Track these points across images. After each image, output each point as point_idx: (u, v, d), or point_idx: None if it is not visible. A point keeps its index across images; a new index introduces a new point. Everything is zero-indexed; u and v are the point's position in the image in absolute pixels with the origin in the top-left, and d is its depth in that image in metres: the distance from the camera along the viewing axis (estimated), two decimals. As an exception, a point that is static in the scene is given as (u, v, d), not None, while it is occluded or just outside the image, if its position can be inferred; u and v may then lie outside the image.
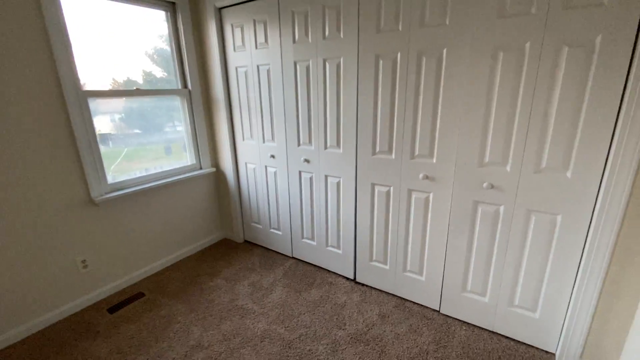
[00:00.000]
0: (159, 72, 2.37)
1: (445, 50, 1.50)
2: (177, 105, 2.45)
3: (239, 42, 2.26)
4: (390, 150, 1.80)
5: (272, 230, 2.59)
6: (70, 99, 1.79)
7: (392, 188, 1.86)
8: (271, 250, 2.66)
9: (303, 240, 2.41)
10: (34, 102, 1.67)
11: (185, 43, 2.34)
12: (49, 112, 1.73)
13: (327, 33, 1.84)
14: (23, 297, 1.75)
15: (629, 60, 1.16)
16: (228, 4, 2.19)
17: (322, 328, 1.79)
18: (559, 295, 1.50)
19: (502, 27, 1.35)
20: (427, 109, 1.63)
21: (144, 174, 2.27)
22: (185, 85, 2.45)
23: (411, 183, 1.78)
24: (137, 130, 2.28)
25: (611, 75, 1.19)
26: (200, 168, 2.63)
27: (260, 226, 2.66)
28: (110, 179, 2.08)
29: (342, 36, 1.79)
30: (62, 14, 1.72)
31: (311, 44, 1.92)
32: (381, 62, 1.70)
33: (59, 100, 1.76)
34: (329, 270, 2.33)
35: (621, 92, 1.19)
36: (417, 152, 1.72)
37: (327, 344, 1.68)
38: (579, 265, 1.42)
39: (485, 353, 1.60)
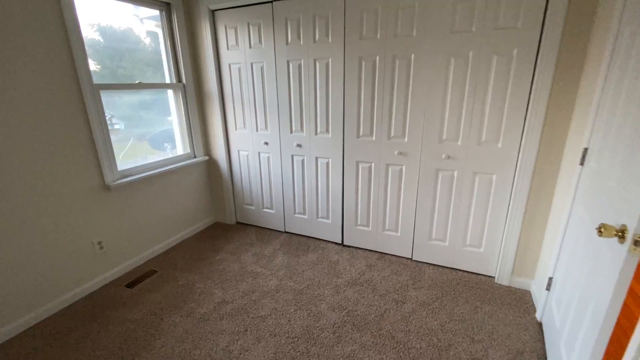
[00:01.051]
0: (154, 68, 2.55)
1: (413, 56, 1.99)
2: (168, 99, 2.64)
3: (232, 42, 2.53)
4: (371, 134, 2.26)
5: (265, 209, 2.91)
6: (86, 92, 1.94)
7: (373, 164, 2.32)
8: (264, 228, 2.98)
9: (295, 215, 2.78)
10: (58, 95, 1.81)
11: (180, 40, 2.55)
12: (70, 104, 1.87)
13: (317, 37, 2.22)
14: (47, 277, 1.88)
15: (533, 65, 1.74)
16: (222, 7, 2.45)
17: (324, 279, 2.20)
18: (496, 233, 2.09)
19: (452, 40, 1.87)
20: (400, 100, 2.11)
21: (143, 162, 2.44)
22: (179, 80, 2.65)
23: (388, 159, 2.26)
24: (137, 121, 2.44)
25: (523, 75, 1.77)
26: (194, 157, 2.85)
27: (253, 207, 2.97)
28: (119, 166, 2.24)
29: (330, 41, 2.19)
30: (76, 15, 1.86)
31: (303, 46, 2.29)
32: (363, 63, 2.14)
33: (78, 93, 1.91)
34: (320, 239, 2.75)
35: (530, 86, 1.78)
36: (392, 134, 2.20)
37: (330, 288, 2.10)
38: (508, 209, 2.02)
39: (447, 282, 2.15)
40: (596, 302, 1.08)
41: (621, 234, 0.93)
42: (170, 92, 2.63)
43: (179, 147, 2.79)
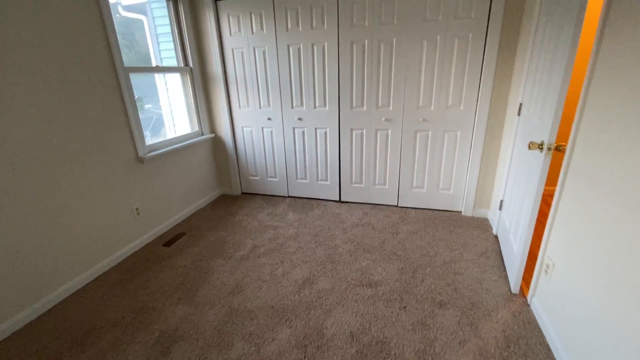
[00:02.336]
0: (165, 53, 2.80)
1: (394, 39, 2.51)
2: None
3: (235, 29, 2.86)
4: (362, 105, 2.77)
5: (269, 178, 3.33)
6: (120, 74, 2.20)
7: (364, 130, 2.84)
8: (269, 195, 3.40)
9: (297, 180, 3.23)
10: (99, 77, 2.06)
11: (186, 28, 2.82)
12: (109, 85, 2.13)
13: (314, 24, 2.65)
14: (97, 240, 2.17)
15: (483, 45, 2.34)
16: (224, -3, 2.77)
17: (331, 225, 2.70)
18: (461, 177, 2.73)
19: (425, 27, 2.41)
20: (385, 76, 2.63)
21: (161, 139, 2.72)
22: (186, 64, 2.93)
23: (377, 125, 2.79)
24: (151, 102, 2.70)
25: (477, 53, 2.37)
26: (202, 134, 3.16)
27: (258, 177, 3.36)
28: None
29: (325, 27, 2.63)
30: (109, 1, 2.11)
31: (301, 31, 2.70)
32: (355, 46, 2.61)
33: (114, 75, 2.16)
34: (320, 199, 3.23)
35: (481, 61, 2.38)
36: (380, 104, 2.72)
37: (339, 230, 2.61)
38: (469, 157, 2.65)
39: (427, 218, 2.76)
40: (529, 196, 1.70)
41: (541, 146, 1.54)
42: (177, 75, 2.90)
43: (188, 125, 3.08)
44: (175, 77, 2.90)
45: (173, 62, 2.87)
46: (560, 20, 1.51)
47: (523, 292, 1.84)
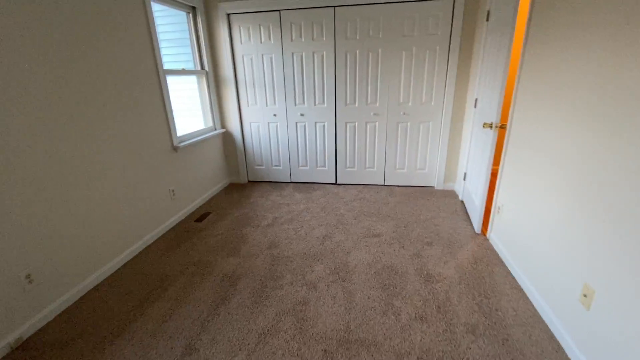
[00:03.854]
0: (183, 57, 3.24)
1: (380, 50, 3.18)
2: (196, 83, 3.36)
3: (245, 38, 3.37)
4: (355, 102, 3.40)
5: (274, 167, 3.84)
6: (161, 75, 2.63)
7: (356, 123, 3.47)
8: (274, 182, 3.91)
9: (299, 168, 3.78)
10: (147, 77, 2.49)
11: (203, 36, 3.28)
12: (153, 84, 2.56)
13: (315, 36, 3.24)
14: (146, 215, 2.57)
15: (447, 54, 3.08)
16: (236, 12, 3.27)
17: (334, 200, 3.29)
18: (433, 158, 3.46)
19: (403, 40, 3.11)
20: (372, 79, 3.28)
21: (184, 133, 3.14)
22: (202, 67, 3.38)
23: (367, 118, 3.43)
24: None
25: (443, 60, 3.10)
26: (215, 129, 3.61)
27: (263, 167, 3.86)
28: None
29: (324, 39, 3.23)
30: (152, 11, 2.54)
31: (304, 42, 3.28)
32: (348, 54, 3.25)
33: (157, 76, 2.59)
34: (319, 182, 3.81)
35: (446, 66, 3.12)
36: (369, 101, 3.37)
37: (341, 204, 3.20)
38: (439, 142, 3.38)
39: (409, 192, 3.44)
40: (485, 162, 2.42)
41: (491, 125, 2.26)
42: (194, 77, 3.34)
43: (203, 121, 3.51)
44: (184, 79, 3.34)
45: (181, 66, 3.30)
46: (499, 39, 2.24)
47: (483, 232, 2.55)
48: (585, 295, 1.36)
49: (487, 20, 2.60)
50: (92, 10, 1.99)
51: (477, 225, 2.55)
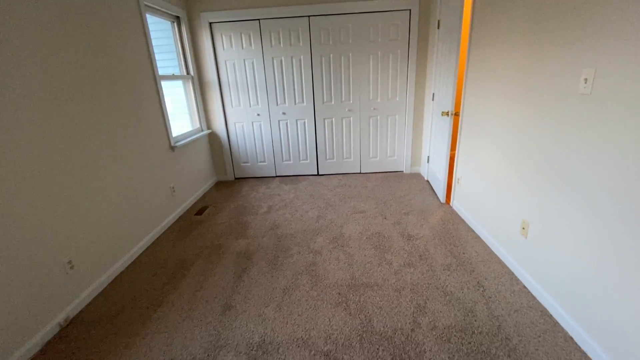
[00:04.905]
0: (169, 62, 3.44)
1: (350, 54, 3.64)
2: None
3: (227, 45, 3.65)
4: (331, 100, 3.83)
5: (259, 163, 4.14)
6: (157, 80, 2.85)
7: (333, 118, 3.90)
8: (260, 177, 4.20)
9: (283, 162, 4.12)
10: (147, 82, 2.70)
11: (187, 44, 3.50)
12: (151, 88, 2.77)
13: (292, 42, 3.62)
14: (151, 210, 2.77)
15: (407, 56, 3.63)
16: (218, 21, 3.54)
17: (319, 188, 3.68)
18: (401, 146, 4.00)
19: (370, 45, 3.60)
20: (345, 79, 3.73)
21: (176, 134, 3.34)
22: (188, 72, 3.59)
23: (342, 114, 3.88)
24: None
25: (404, 62, 3.64)
26: (202, 130, 3.83)
27: (249, 163, 4.14)
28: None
29: (301, 45, 3.62)
30: (148, 26, 2.75)
31: (282, 47, 3.64)
32: (323, 58, 3.67)
33: (154, 80, 2.80)
34: (303, 174, 4.18)
35: (407, 67, 3.67)
36: (343, 99, 3.82)
37: (326, 191, 3.60)
38: (404, 132, 3.93)
39: (383, 177, 3.94)
40: (444, 144, 2.96)
41: (447, 113, 2.80)
42: (181, 81, 3.55)
43: (190, 123, 3.72)
44: (171, 84, 3.54)
45: (168, 71, 3.51)
46: (449, 43, 2.79)
47: (447, 202, 3.10)
48: (523, 228, 1.90)
49: (438, 28, 3.16)
50: (98, 22, 2.20)
51: (442, 196, 3.09)
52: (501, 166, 2.13)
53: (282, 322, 1.72)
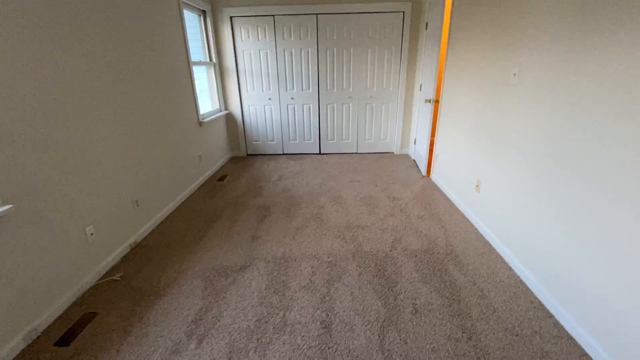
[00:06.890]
0: (195, 50, 3.99)
1: (352, 48, 4.22)
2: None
3: (245, 36, 4.20)
4: (334, 87, 4.42)
5: (268, 142, 4.73)
6: (190, 65, 3.42)
7: (335, 104, 4.50)
8: (269, 154, 4.80)
9: (290, 141, 4.72)
10: (184, 66, 3.27)
11: (211, 34, 4.05)
12: (186, 72, 3.34)
13: (301, 36, 4.18)
14: (183, 172, 3.37)
15: (400, 51, 4.22)
16: (237, 15, 4.09)
17: (321, 164, 4.30)
18: (393, 130, 4.61)
19: (369, 41, 4.17)
20: (347, 70, 4.32)
21: (202, 112, 3.91)
22: (211, 60, 4.15)
23: (343, 101, 4.47)
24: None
25: (397, 56, 4.23)
26: (221, 110, 4.41)
27: (260, 142, 4.74)
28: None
29: (309, 39, 4.19)
30: (184, 19, 3.31)
31: (293, 40, 4.20)
32: (327, 51, 4.24)
33: (188, 66, 3.37)
34: (307, 153, 4.79)
35: (399, 61, 4.26)
36: (344, 87, 4.41)
37: (328, 166, 4.22)
38: (396, 117, 4.54)
39: (376, 157, 4.56)
40: (426, 127, 3.58)
41: (430, 100, 3.41)
42: (205, 67, 4.11)
43: (211, 104, 4.30)
44: (196, 69, 4.10)
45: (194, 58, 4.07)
46: (433, 42, 3.39)
47: (428, 175, 3.74)
48: (477, 185, 2.54)
49: (426, 29, 3.75)
50: (146, 19, 2.76)
51: (424, 171, 3.73)
52: (464, 139, 2.76)
53: (297, 246, 2.36)
